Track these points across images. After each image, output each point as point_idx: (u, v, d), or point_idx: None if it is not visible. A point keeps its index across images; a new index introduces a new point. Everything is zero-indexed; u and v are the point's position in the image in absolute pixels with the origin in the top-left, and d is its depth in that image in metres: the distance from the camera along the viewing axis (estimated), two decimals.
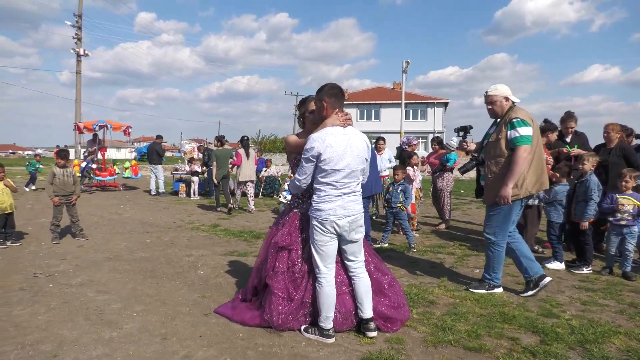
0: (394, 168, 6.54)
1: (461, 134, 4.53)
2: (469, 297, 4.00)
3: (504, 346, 3.03)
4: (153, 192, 12.55)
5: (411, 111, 41.62)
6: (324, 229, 3.02)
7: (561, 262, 5.07)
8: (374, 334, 3.13)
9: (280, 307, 3.21)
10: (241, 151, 9.45)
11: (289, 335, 3.18)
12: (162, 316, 3.51)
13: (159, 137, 13.38)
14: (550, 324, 3.40)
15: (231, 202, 9.59)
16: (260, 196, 12.72)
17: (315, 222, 3.04)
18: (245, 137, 9.72)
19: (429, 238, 6.96)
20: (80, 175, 13.47)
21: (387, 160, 8.26)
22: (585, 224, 4.90)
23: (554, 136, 5.77)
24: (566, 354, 2.90)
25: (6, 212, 5.77)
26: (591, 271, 4.90)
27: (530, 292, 4.06)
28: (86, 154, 14.42)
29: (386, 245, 6.28)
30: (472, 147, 4.48)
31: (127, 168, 14.06)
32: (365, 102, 42.15)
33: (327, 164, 2.95)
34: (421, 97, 43.22)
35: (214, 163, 9.67)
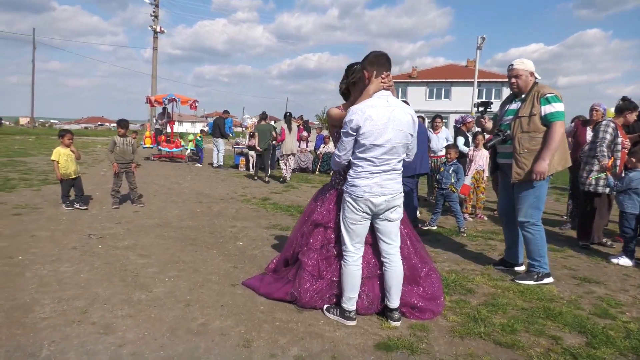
0: (447, 147, 6.16)
1: (481, 109, 4.27)
2: (512, 288, 3.68)
3: (541, 345, 2.74)
4: (215, 165, 13.02)
5: (485, 90, 39.20)
6: (356, 207, 2.85)
7: (631, 259, 4.52)
8: (397, 323, 2.96)
9: (307, 284, 3.14)
10: (284, 126, 9.97)
11: (310, 313, 3.10)
12: (191, 283, 3.59)
13: (226, 112, 13.91)
14: (602, 325, 3.02)
15: (268, 173, 10.42)
16: (317, 172, 12.76)
17: (348, 199, 2.89)
18: (288, 113, 10.55)
19: (484, 223, 6.53)
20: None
21: (444, 140, 7.78)
22: None
23: (633, 116, 5.07)
24: None
25: (71, 177, 6.20)
26: None
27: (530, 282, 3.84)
28: (157, 125, 15.29)
29: (435, 228, 5.98)
30: (490, 125, 4.29)
31: (190, 141, 14.65)
32: (434, 79, 40.29)
33: (366, 138, 2.74)
34: (496, 75, 40.50)
35: (255, 135, 10.33)
